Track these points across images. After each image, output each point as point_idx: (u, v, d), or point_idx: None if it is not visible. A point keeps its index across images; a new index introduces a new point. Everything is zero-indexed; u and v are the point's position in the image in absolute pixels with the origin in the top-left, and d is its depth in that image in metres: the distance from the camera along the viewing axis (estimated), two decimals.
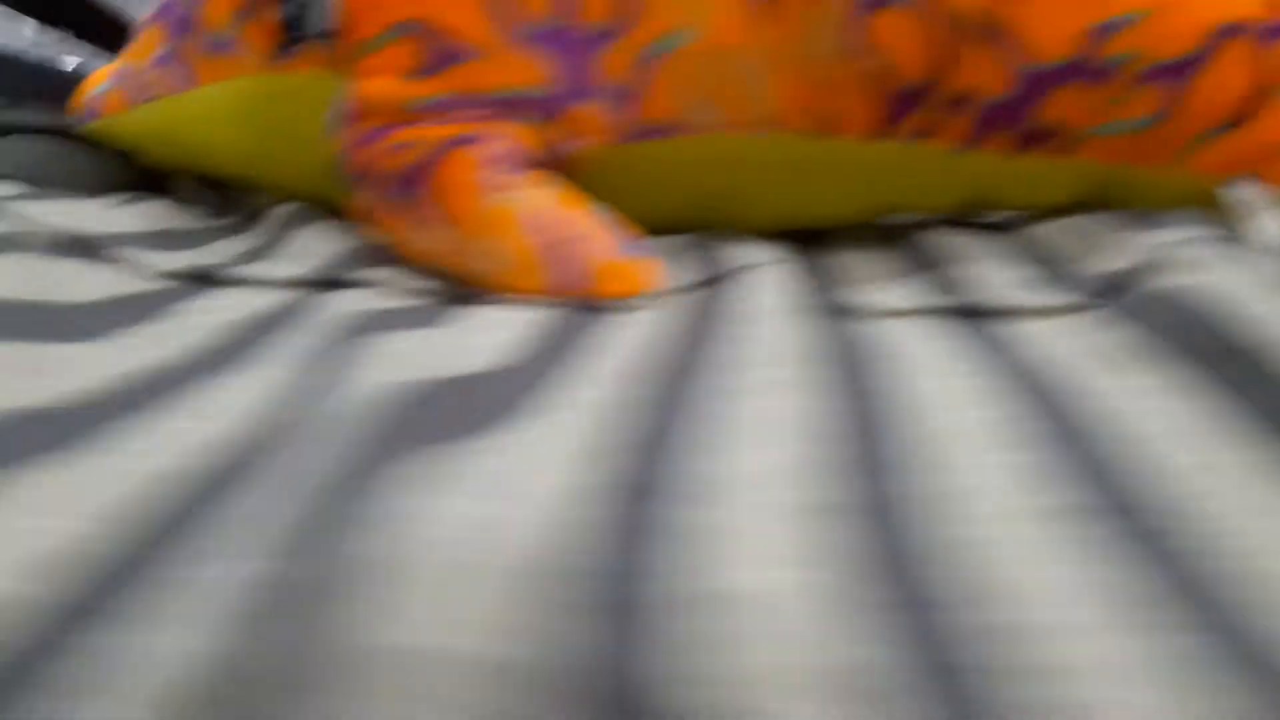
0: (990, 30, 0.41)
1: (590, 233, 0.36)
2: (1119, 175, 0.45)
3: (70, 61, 0.57)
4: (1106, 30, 0.41)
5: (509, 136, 0.38)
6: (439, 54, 0.39)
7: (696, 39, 0.39)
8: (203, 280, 0.36)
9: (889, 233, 0.49)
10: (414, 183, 0.37)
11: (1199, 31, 0.42)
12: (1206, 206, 0.44)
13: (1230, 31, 0.42)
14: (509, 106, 0.39)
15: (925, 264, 0.42)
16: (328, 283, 0.36)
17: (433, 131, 0.37)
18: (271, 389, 0.25)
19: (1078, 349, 0.29)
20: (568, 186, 0.38)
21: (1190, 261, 0.32)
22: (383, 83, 0.39)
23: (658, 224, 0.45)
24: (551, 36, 0.39)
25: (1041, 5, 0.41)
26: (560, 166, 0.41)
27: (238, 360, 0.28)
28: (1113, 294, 0.32)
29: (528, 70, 0.39)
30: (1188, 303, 0.28)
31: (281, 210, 0.47)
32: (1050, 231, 0.44)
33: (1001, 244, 0.44)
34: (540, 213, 0.36)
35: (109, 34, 0.60)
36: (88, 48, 0.59)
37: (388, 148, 0.37)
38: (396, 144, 0.37)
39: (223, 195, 0.51)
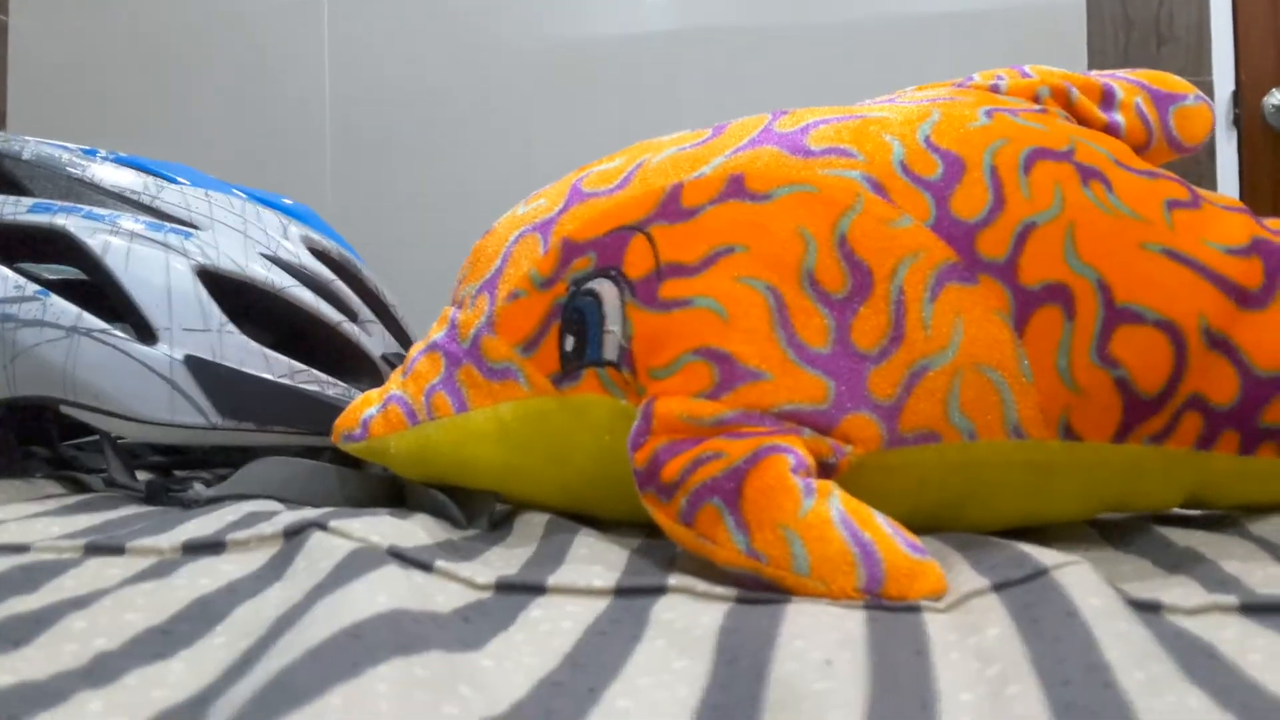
0: (1221, 343, 0.45)
1: (886, 534, 0.38)
2: None
3: (313, 388, 0.63)
4: None
5: (799, 447, 0.41)
6: (728, 375, 0.43)
7: (954, 358, 0.44)
8: (523, 590, 0.37)
9: (1105, 529, 0.50)
10: (728, 489, 0.39)
11: None
12: None
13: None
14: (790, 420, 0.43)
15: (1179, 562, 0.42)
16: (641, 590, 0.37)
17: (739, 443, 0.41)
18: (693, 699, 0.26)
19: None
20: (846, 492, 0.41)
21: None
22: (677, 401, 0.43)
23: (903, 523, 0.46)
24: (828, 359, 0.44)
25: (1259, 319, 0.45)
26: (829, 474, 0.44)
27: (608, 669, 0.28)
28: None
29: (809, 388, 0.43)
30: None
31: (534, 519, 0.49)
32: (1276, 529, 0.45)
33: (1235, 542, 0.45)
34: (842, 516, 0.38)
35: (342, 363, 0.67)
36: (327, 376, 0.65)
37: (695, 457, 0.41)
38: (704, 454, 0.41)
39: (462, 506, 0.54)
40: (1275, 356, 0.45)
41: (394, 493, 0.57)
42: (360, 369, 0.68)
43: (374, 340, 0.69)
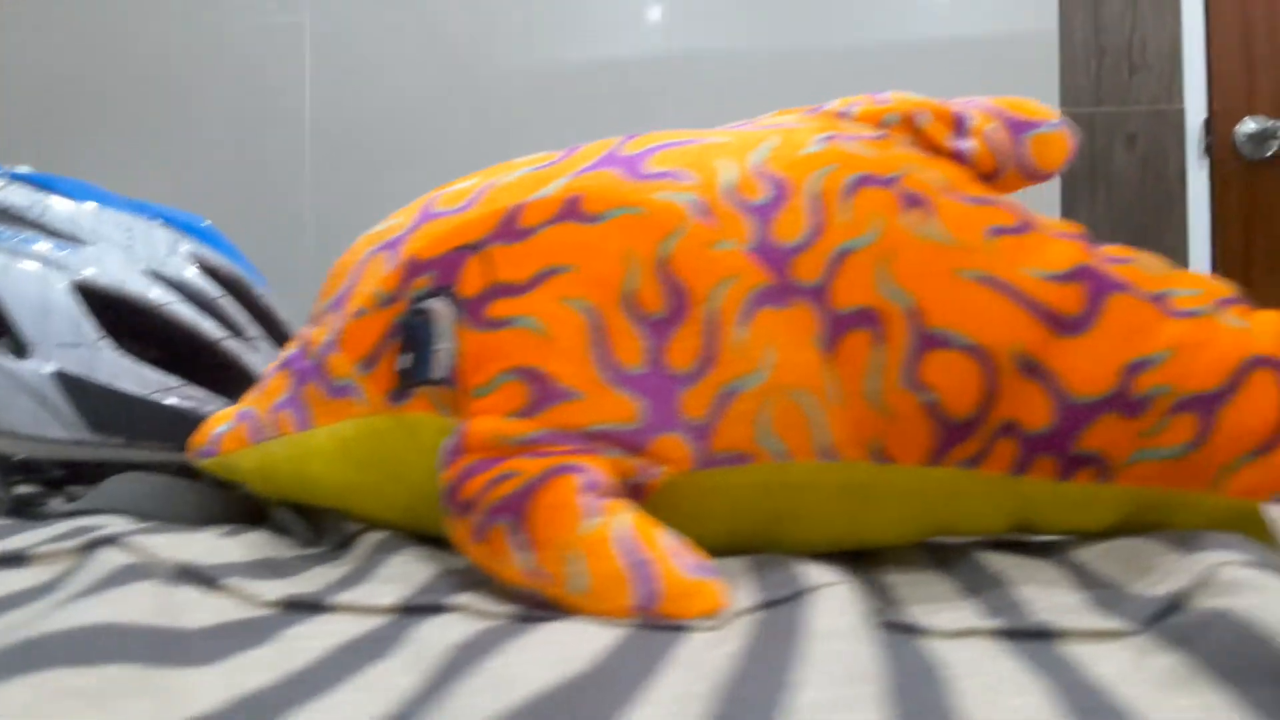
0: (1034, 369, 0.45)
1: (665, 555, 0.38)
2: (1161, 499, 0.47)
3: (187, 404, 0.64)
4: (1139, 367, 0.46)
5: (598, 467, 0.42)
6: (542, 395, 0.44)
7: (765, 380, 0.44)
8: (304, 608, 0.38)
9: (938, 553, 0.50)
10: (516, 508, 0.40)
11: (1226, 366, 0.46)
12: (1244, 528, 0.45)
13: (1256, 364, 0.46)
14: (599, 440, 0.43)
15: (979, 585, 0.43)
16: (421, 608, 0.37)
17: (534, 462, 0.41)
18: (378, 710, 0.26)
19: (1129, 672, 0.30)
20: (643, 511, 0.41)
21: (1237, 583, 0.33)
22: (489, 421, 0.43)
23: (719, 545, 0.47)
24: (641, 380, 0.44)
25: (1075, 346, 0.46)
26: (638, 493, 0.44)
27: (338, 684, 0.29)
28: (1163, 616, 0.33)
29: (619, 408, 0.44)
30: (1238, 625, 0.29)
31: (372, 537, 0.50)
32: (1096, 554, 0.45)
33: (1050, 566, 0.45)
34: (625, 536, 0.39)
35: (227, 380, 0.68)
36: (205, 392, 0.66)
37: (492, 477, 0.41)
38: (501, 474, 0.41)
39: (315, 525, 0.55)
40: (1091, 382, 0.46)
41: (256, 509, 0.58)
42: (244, 386, 0.69)
43: (260, 357, 0.70)
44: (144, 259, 0.67)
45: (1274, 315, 0.49)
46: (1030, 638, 0.35)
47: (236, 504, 0.58)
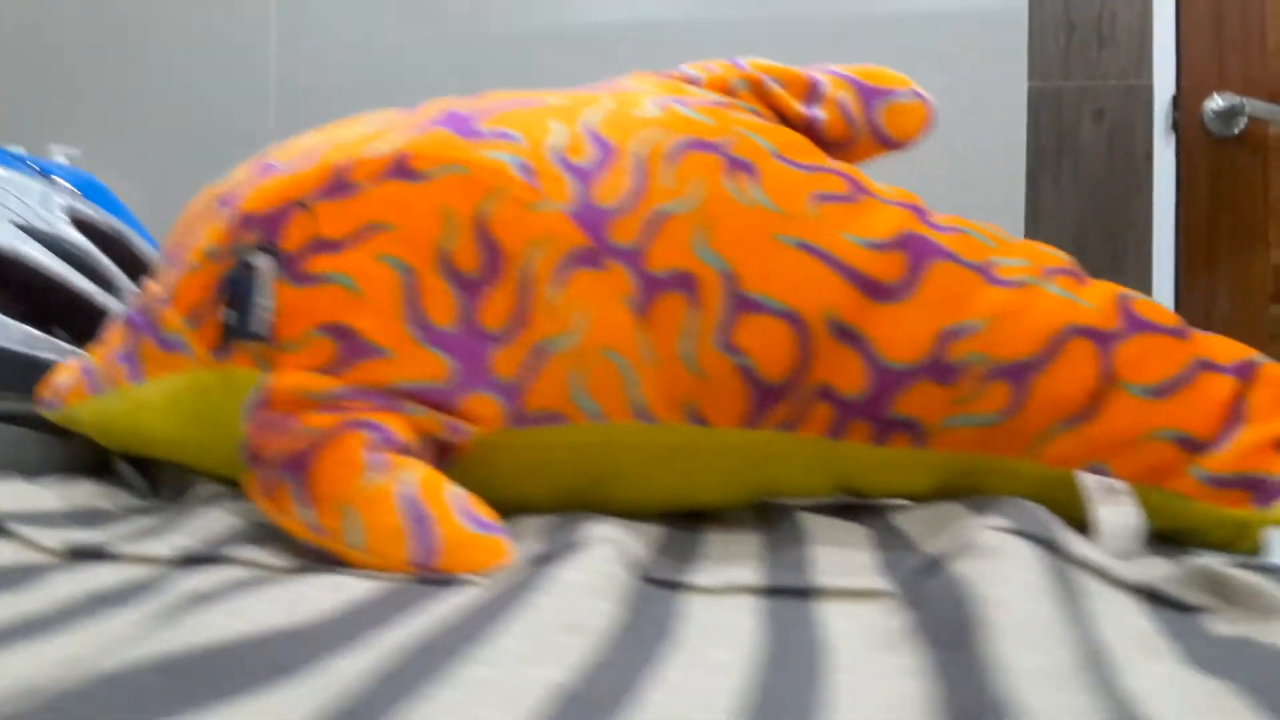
0: (849, 334, 0.46)
1: (448, 511, 0.39)
2: (977, 465, 0.47)
3: (51, 357, 0.63)
4: (954, 334, 0.46)
5: (392, 424, 0.42)
6: (349, 351, 0.44)
7: (578, 341, 0.44)
8: (86, 556, 0.38)
9: (765, 514, 0.51)
10: (301, 463, 0.40)
11: (1042, 335, 0.46)
12: (1058, 496, 0.46)
13: (1071, 334, 0.46)
14: (406, 397, 0.43)
15: (780, 544, 0.43)
16: (199, 559, 0.38)
17: (326, 418, 0.41)
18: (83, 647, 0.26)
19: (857, 630, 0.30)
20: (435, 470, 0.41)
21: (985, 548, 0.33)
22: (293, 375, 0.43)
23: (543, 505, 0.47)
24: (451, 338, 0.44)
25: (892, 312, 0.46)
26: (450, 452, 0.45)
27: (68, 627, 0.29)
28: (922, 578, 0.34)
29: (428, 366, 0.44)
30: (955, 588, 0.30)
31: (204, 490, 0.50)
32: (908, 518, 0.46)
33: (861, 529, 0.46)
34: (407, 492, 0.39)
35: (98, 334, 0.67)
36: (73, 346, 0.65)
37: (286, 432, 0.41)
38: (295, 430, 0.41)
39: (156, 478, 0.55)
40: (906, 349, 0.46)
41: (102, 460, 0.57)
42: None
43: None
44: (14, 211, 0.66)
45: (1104, 287, 0.49)
46: (791, 595, 0.35)
47: (83, 455, 0.58)
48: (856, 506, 0.52)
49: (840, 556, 0.41)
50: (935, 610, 0.30)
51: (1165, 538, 0.48)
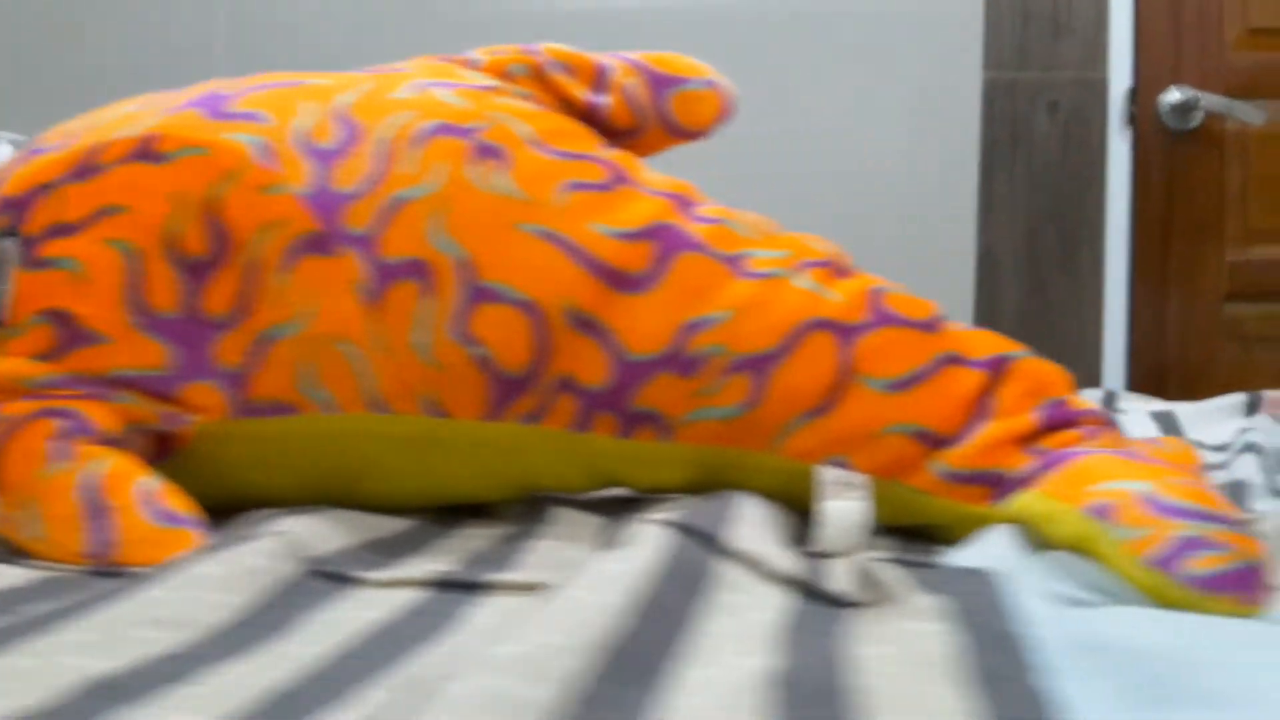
0: (590, 325, 0.45)
1: (133, 503, 0.38)
2: (724, 458, 0.47)
3: None
4: (696, 327, 0.46)
5: (93, 413, 0.41)
6: (69, 338, 0.43)
7: (305, 329, 0.44)
8: None
9: (531, 509, 0.51)
10: None
11: (782, 327, 0.46)
12: (799, 489, 0.46)
13: (812, 327, 0.46)
14: (123, 385, 0.42)
15: (508, 539, 0.43)
16: None
17: (22, 406, 0.40)
18: None
19: (499, 618, 0.30)
20: (132, 460, 0.41)
21: (628, 542, 0.33)
22: (10, 363, 0.42)
23: (290, 497, 0.46)
24: (173, 325, 0.43)
25: (636, 303, 0.46)
26: (174, 442, 0.44)
27: None
28: (565, 570, 0.34)
29: (146, 354, 0.43)
30: (568, 583, 0.30)
31: None
32: (651, 510, 0.46)
33: (608, 523, 0.45)
34: (89, 483, 0.38)
35: None
36: None
37: None
38: None
39: None
40: (649, 340, 0.46)
41: None
42: None
43: None
44: None
45: (860, 280, 0.49)
46: (459, 588, 0.35)
47: None
48: (629, 500, 0.52)
49: (555, 551, 0.41)
50: (547, 599, 0.30)
51: (918, 531, 0.48)
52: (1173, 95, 1.35)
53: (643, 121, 0.55)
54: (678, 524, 0.36)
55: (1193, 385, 1.21)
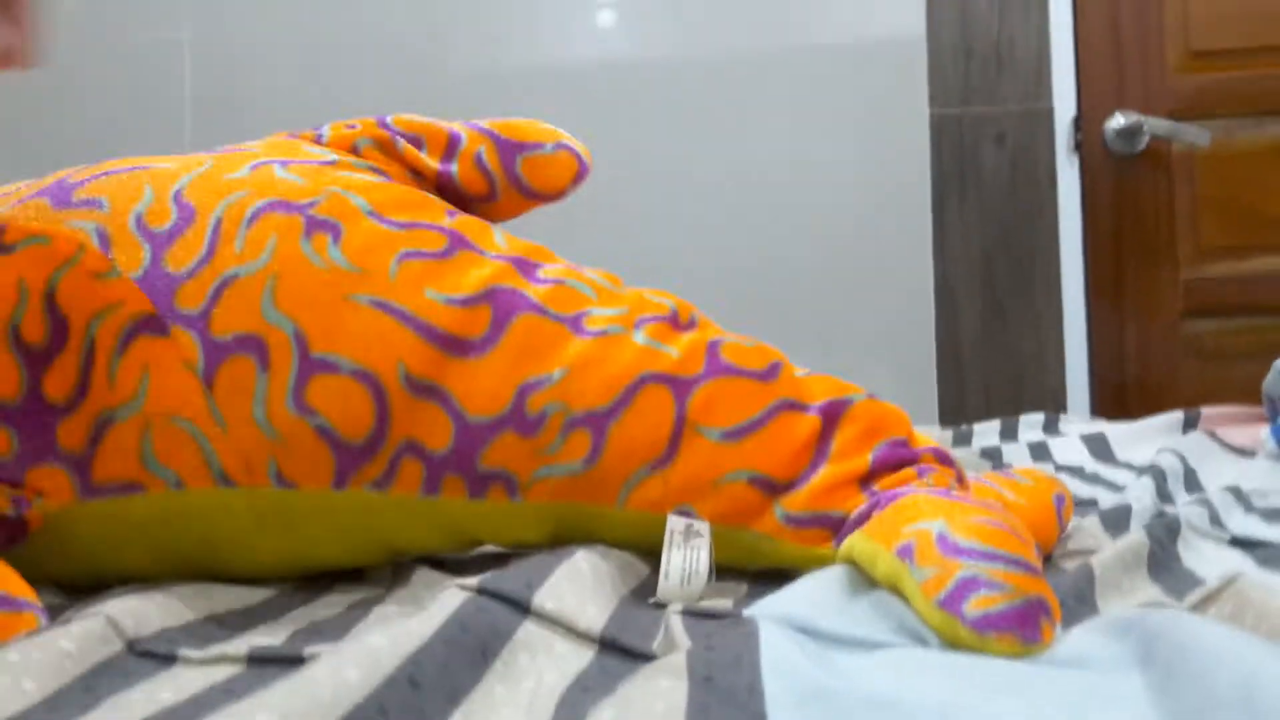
0: (430, 390, 0.46)
1: None
2: (576, 513, 0.48)
3: None
4: (533, 386, 0.47)
5: None
6: None
7: (142, 408, 0.44)
8: None
9: (399, 573, 0.51)
10: None
11: (618, 383, 0.47)
12: (648, 540, 0.46)
13: (647, 381, 0.47)
14: None
15: (359, 605, 0.43)
16: None
17: None
18: None
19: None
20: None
21: (427, 604, 0.34)
22: None
23: (149, 573, 0.47)
24: (15, 412, 0.44)
25: (474, 367, 0.47)
26: (21, 526, 0.45)
27: None
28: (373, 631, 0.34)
29: None
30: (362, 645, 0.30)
31: None
32: None
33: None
34: None
35: None
36: None
37: None
38: None
39: None
40: (488, 401, 0.47)
41: None
42: None
43: None
44: None
45: (700, 334, 0.50)
46: (278, 663, 0.36)
47: None
48: (500, 556, 0.53)
49: (391, 620, 0.41)
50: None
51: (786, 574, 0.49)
52: (1117, 121, 1.38)
53: (494, 187, 0.56)
54: (481, 588, 0.36)
55: (1156, 402, 1.21)
